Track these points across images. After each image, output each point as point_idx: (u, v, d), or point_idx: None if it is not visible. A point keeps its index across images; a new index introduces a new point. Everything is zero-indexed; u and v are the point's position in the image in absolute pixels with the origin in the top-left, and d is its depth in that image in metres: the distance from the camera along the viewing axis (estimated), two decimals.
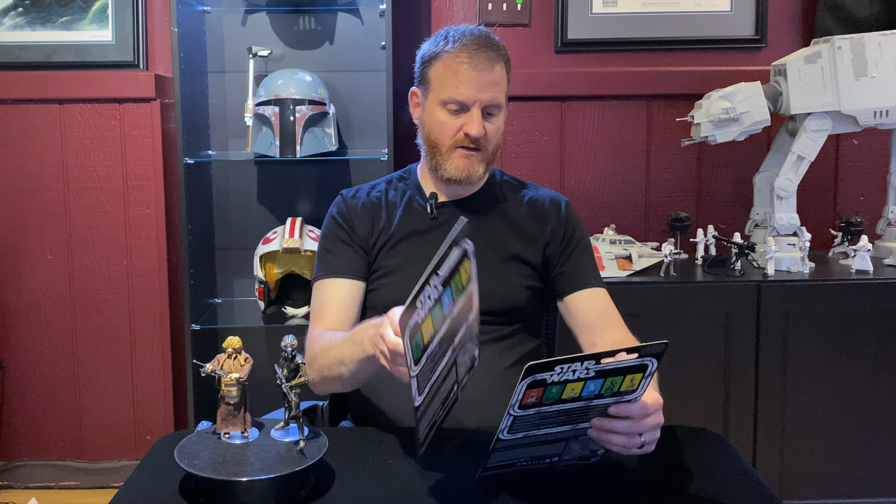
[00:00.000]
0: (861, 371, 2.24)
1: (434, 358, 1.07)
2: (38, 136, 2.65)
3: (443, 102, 1.52)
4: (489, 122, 1.53)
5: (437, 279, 1.06)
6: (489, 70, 1.50)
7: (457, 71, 1.50)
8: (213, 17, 2.60)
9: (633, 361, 1.08)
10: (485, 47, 1.51)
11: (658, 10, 2.64)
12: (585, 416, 1.14)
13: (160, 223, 2.68)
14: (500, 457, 1.16)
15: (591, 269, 1.62)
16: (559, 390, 1.07)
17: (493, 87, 1.51)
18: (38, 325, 2.71)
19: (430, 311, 1.06)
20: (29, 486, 2.74)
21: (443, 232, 1.59)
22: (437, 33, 1.58)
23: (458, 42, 1.51)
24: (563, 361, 1.04)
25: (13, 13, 2.62)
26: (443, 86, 1.52)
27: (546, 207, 1.64)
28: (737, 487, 1.18)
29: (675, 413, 2.23)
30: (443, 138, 1.54)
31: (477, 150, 1.53)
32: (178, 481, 1.16)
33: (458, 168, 1.53)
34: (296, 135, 2.36)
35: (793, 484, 2.27)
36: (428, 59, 1.56)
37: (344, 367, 1.38)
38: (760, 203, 2.46)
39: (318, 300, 1.58)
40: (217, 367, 1.16)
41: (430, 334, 1.06)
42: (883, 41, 2.27)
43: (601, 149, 2.69)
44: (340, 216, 1.63)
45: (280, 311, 2.54)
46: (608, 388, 1.10)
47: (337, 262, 1.59)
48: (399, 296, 1.55)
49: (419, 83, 1.59)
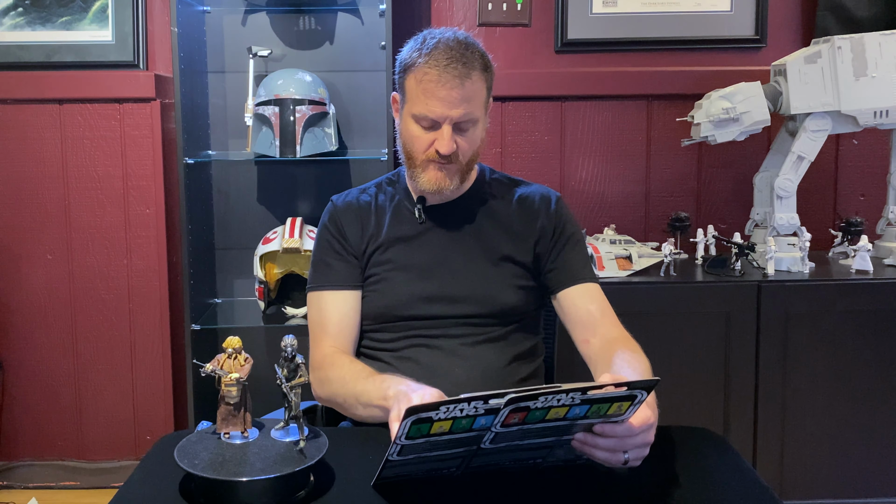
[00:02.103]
0: (861, 371, 2.24)
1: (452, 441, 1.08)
2: (38, 136, 2.65)
3: (414, 117, 1.50)
4: (462, 137, 1.51)
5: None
6: (459, 87, 1.46)
7: (426, 88, 1.47)
8: (213, 17, 2.60)
9: (622, 393, 1.07)
10: (455, 61, 1.46)
11: (658, 10, 2.64)
12: (570, 431, 1.14)
13: (160, 223, 2.68)
14: (484, 460, 1.15)
15: (583, 264, 1.61)
16: (542, 414, 1.06)
17: (464, 103, 1.47)
18: (38, 324, 2.71)
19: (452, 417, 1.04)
20: (29, 486, 2.74)
21: (431, 236, 1.60)
22: (416, 37, 1.55)
23: (429, 56, 1.47)
24: (546, 393, 1.02)
25: (13, 13, 2.62)
26: (414, 100, 1.50)
27: (536, 204, 1.63)
28: (737, 487, 1.18)
29: (675, 413, 2.24)
30: (415, 151, 1.53)
31: (450, 162, 1.51)
32: (178, 481, 1.16)
33: (430, 181, 1.52)
34: (296, 135, 2.36)
35: (793, 484, 2.27)
36: (403, 68, 1.53)
37: (362, 407, 1.40)
38: (760, 203, 2.46)
39: (318, 314, 1.59)
40: (217, 367, 1.16)
41: (442, 430, 1.06)
42: (883, 41, 2.27)
43: (601, 149, 2.69)
44: (332, 225, 1.62)
45: (280, 311, 2.54)
46: (594, 412, 1.09)
47: (333, 273, 1.59)
48: (389, 303, 1.57)
49: (398, 89, 1.58)
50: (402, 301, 1.55)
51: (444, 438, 1.07)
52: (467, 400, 1.01)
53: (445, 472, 1.17)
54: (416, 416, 1.01)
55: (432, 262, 1.57)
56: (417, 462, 1.12)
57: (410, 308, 1.54)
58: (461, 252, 1.58)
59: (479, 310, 1.55)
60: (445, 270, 1.56)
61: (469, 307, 1.54)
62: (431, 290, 1.54)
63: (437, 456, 1.12)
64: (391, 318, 1.56)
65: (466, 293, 1.54)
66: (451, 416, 1.03)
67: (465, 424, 1.05)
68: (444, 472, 1.17)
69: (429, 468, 1.15)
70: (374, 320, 1.58)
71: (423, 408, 1.01)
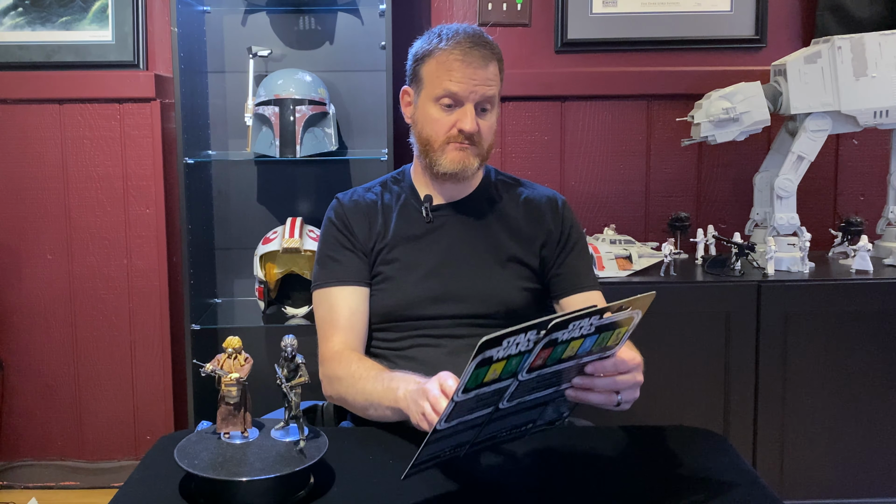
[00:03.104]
0: (861, 371, 2.24)
1: (481, 399, 1.07)
2: (38, 136, 2.65)
3: (436, 98, 1.51)
4: (483, 119, 1.53)
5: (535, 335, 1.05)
6: (483, 67, 1.50)
7: (451, 67, 1.49)
8: (213, 17, 2.60)
9: (625, 315, 1.11)
10: (479, 45, 1.51)
11: (658, 10, 2.64)
12: (569, 377, 1.16)
13: (160, 223, 2.68)
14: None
15: (587, 272, 1.62)
16: (562, 350, 1.08)
17: (487, 83, 1.51)
18: (38, 324, 2.71)
19: (507, 356, 1.05)
20: (29, 486, 2.74)
21: (438, 236, 1.59)
22: (429, 31, 1.57)
23: (451, 40, 1.51)
24: (577, 318, 1.04)
25: (13, 13, 2.62)
26: (436, 81, 1.51)
27: (542, 207, 1.64)
28: (737, 487, 1.18)
29: (676, 413, 2.25)
30: (436, 135, 1.53)
31: (472, 144, 1.53)
32: (178, 481, 1.16)
33: (453, 161, 1.53)
34: (296, 135, 2.36)
35: (793, 484, 2.27)
36: (421, 56, 1.55)
37: (372, 408, 1.39)
38: (760, 203, 2.46)
39: (328, 310, 1.56)
40: (217, 367, 1.16)
41: (493, 377, 1.06)
42: (883, 41, 2.27)
43: (601, 149, 2.69)
44: (339, 220, 1.61)
45: (280, 311, 2.54)
46: (598, 344, 1.12)
47: (341, 269, 1.57)
48: (395, 302, 1.56)
49: (411, 81, 1.59)
50: (409, 301, 1.55)
51: (489, 390, 1.07)
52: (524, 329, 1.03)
53: (523, 430, 1.21)
54: (483, 355, 1.01)
55: (439, 262, 1.57)
56: (452, 434, 1.12)
57: (417, 308, 1.54)
58: (468, 252, 1.58)
59: (484, 309, 1.55)
60: (452, 270, 1.56)
61: (475, 307, 1.54)
62: (438, 290, 1.54)
63: (532, 402, 1.15)
64: (397, 317, 1.56)
65: (472, 293, 1.55)
66: (508, 353, 1.04)
67: (514, 366, 1.06)
68: (521, 432, 1.21)
69: (514, 424, 1.18)
70: (380, 319, 1.58)
71: (493, 340, 1.01)
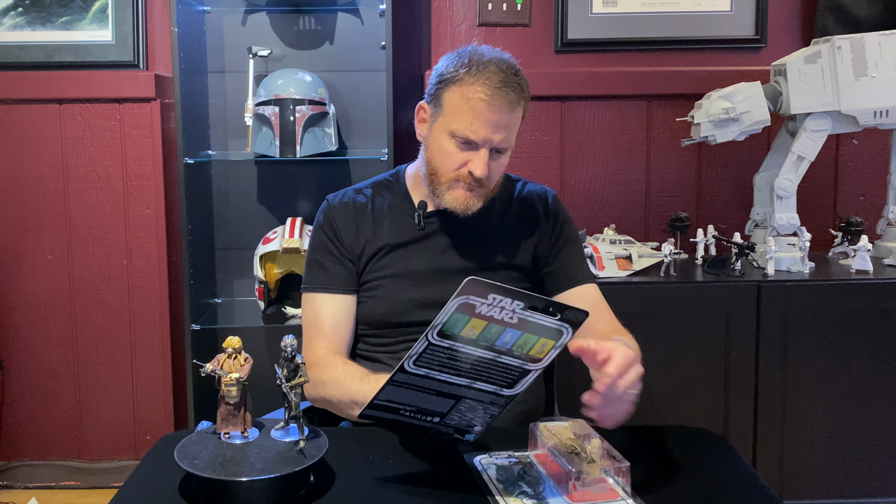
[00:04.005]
0: (861, 371, 2.24)
1: (454, 358, 1.10)
2: (38, 136, 2.65)
3: (451, 133, 1.46)
4: (495, 161, 1.49)
5: (521, 306, 1.06)
6: (508, 112, 1.44)
7: (473, 106, 1.43)
8: (213, 17, 2.60)
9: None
10: (507, 86, 1.43)
11: (658, 10, 2.64)
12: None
13: (160, 223, 2.68)
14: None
15: (580, 265, 1.62)
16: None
17: (507, 129, 1.46)
18: (38, 325, 2.71)
19: (489, 317, 1.06)
20: (29, 486, 2.74)
21: (430, 242, 1.59)
22: (459, 52, 1.50)
23: (481, 73, 1.43)
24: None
25: (13, 13, 2.62)
26: (455, 116, 1.45)
27: (534, 206, 1.64)
28: (737, 487, 1.18)
29: (676, 413, 2.25)
30: (445, 169, 1.50)
31: (479, 186, 1.50)
32: (178, 481, 1.16)
33: (457, 200, 1.50)
34: (296, 135, 2.36)
35: (793, 484, 2.27)
36: (446, 80, 1.48)
37: (358, 407, 1.37)
38: (760, 203, 2.46)
39: (312, 315, 1.57)
40: (217, 367, 1.16)
41: (471, 336, 1.08)
42: (883, 41, 2.27)
43: (601, 149, 2.69)
44: (327, 226, 1.60)
45: (280, 311, 2.54)
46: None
47: (327, 276, 1.58)
48: (387, 309, 1.56)
49: (431, 101, 1.52)
50: (400, 308, 1.55)
51: (464, 350, 1.09)
52: (514, 294, 1.04)
53: (428, 421, 1.22)
54: (467, 297, 1.02)
55: (431, 269, 1.56)
56: (418, 388, 1.14)
57: (408, 314, 1.55)
58: (460, 258, 1.58)
59: None
60: (444, 276, 1.56)
61: None
62: (430, 297, 1.54)
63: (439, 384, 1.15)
64: (388, 323, 1.56)
65: None
66: (491, 314, 1.05)
67: (494, 335, 1.07)
68: (426, 421, 1.22)
69: (419, 406, 1.19)
70: (372, 326, 1.58)
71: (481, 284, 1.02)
